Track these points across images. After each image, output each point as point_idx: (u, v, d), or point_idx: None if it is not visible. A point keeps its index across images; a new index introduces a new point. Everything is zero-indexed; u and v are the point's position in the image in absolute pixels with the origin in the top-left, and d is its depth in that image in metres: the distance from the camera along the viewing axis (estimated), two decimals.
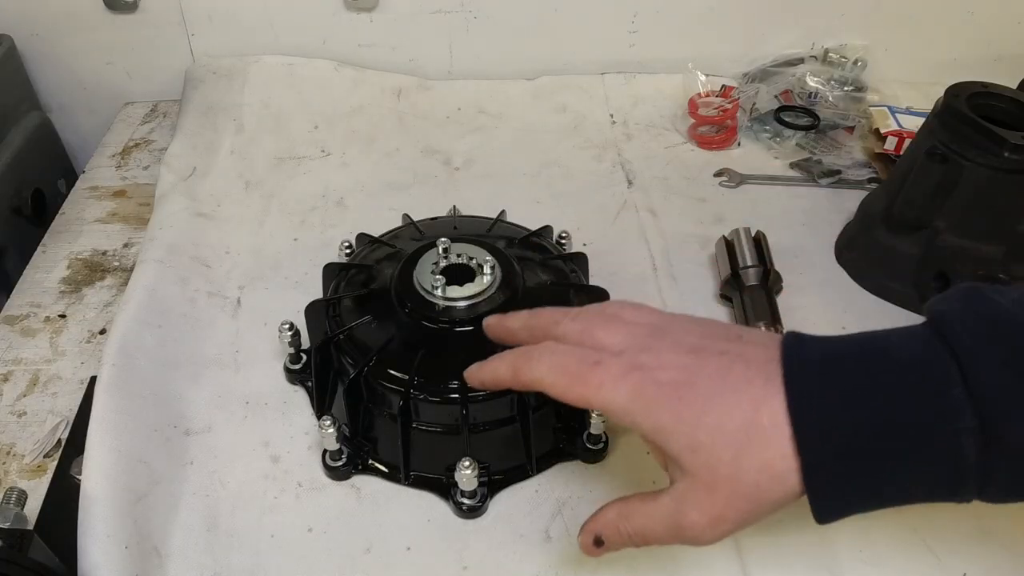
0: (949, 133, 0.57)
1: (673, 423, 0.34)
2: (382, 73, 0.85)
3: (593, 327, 0.37)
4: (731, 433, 0.33)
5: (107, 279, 0.65)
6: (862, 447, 0.31)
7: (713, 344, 0.35)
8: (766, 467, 0.32)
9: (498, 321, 0.42)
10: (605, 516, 0.37)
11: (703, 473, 0.33)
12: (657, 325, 0.37)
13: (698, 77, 0.82)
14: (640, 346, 0.36)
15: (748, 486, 0.33)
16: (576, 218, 0.69)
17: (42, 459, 0.51)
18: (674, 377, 0.34)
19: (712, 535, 0.34)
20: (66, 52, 0.83)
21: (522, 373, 0.38)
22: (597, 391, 0.35)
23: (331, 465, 0.50)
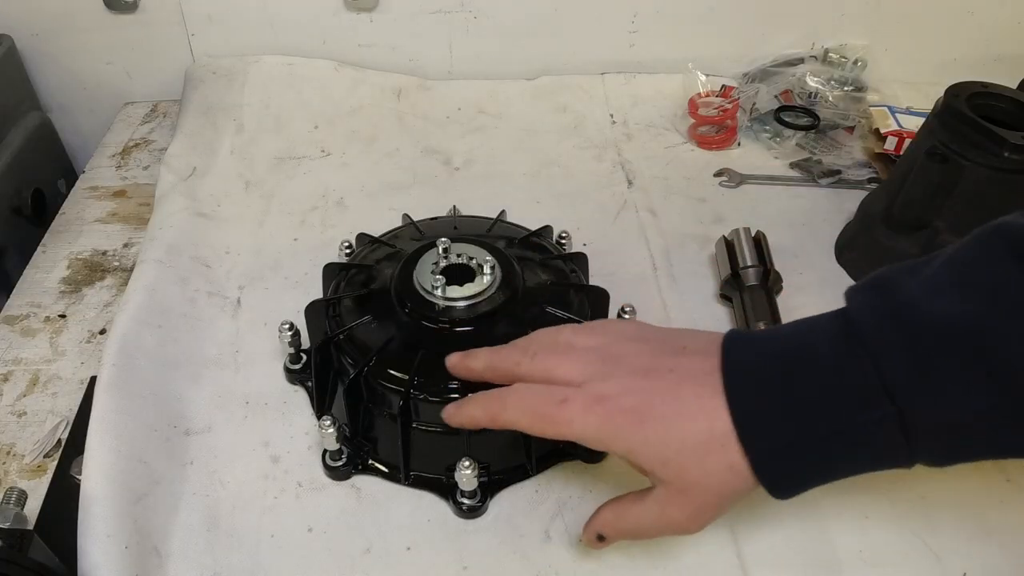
0: (949, 133, 0.57)
1: (641, 445, 0.38)
2: (382, 73, 0.85)
3: (551, 365, 0.42)
4: (693, 446, 0.38)
5: (107, 279, 0.65)
6: (796, 444, 0.36)
7: (663, 361, 0.40)
8: (727, 468, 0.37)
9: (461, 361, 0.45)
10: (603, 516, 0.42)
11: (676, 481, 0.38)
12: (607, 352, 0.41)
13: (698, 77, 0.82)
14: (598, 375, 0.40)
15: (716, 484, 0.38)
16: (576, 218, 0.69)
17: (42, 459, 0.51)
18: (634, 403, 0.39)
19: (695, 526, 0.40)
20: (66, 52, 0.83)
21: (498, 417, 0.42)
22: (569, 426, 0.39)
23: (331, 465, 0.50)
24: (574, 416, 0.39)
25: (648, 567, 0.46)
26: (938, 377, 0.34)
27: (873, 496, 0.49)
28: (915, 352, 0.34)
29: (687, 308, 0.61)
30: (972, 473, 0.50)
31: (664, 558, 0.46)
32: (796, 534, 0.47)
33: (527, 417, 0.41)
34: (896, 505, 0.48)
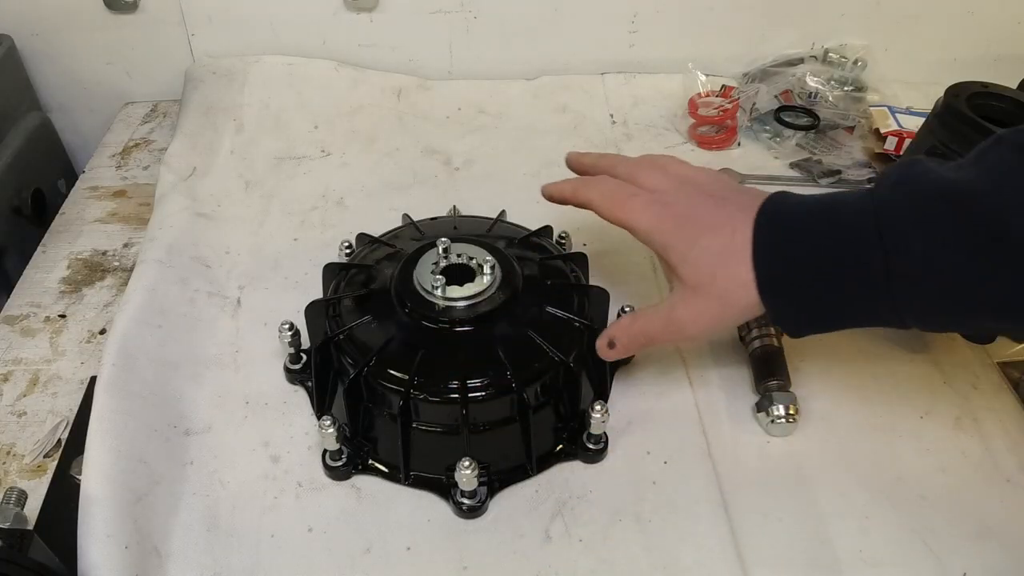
0: (949, 133, 0.57)
1: (676, 241, 0.46)
2: (382, 73, 0.85)
3: (641, 171, 0.50)
4: (714, 250, 0.44)
5: (107, 279, 0.65)
6: (799, 269, 0.42)
7: (721, 192, 0.47)
8: (734, 276, 0.43)
9: (576, 156, 0.56)
10: (619, 322, 0.50)
11: (691, 279, 0.45)
12: (686, 176, 0.49)
13: (698, 77, 0.82)
14: (671, 188, 0.48)
15: (720, 290, 0.44)
16: (576, 218, 0.68)
17: (42, 459, 0.51)
18: (683, 210, 0.46)
19: (693, 329, 0.46)
20: (66, 52, 0.83)
21: (580, 193, 0.52)
22: (628, 214, 0.48)
23: (331, 465, 0.50)
24: (635, 207, 0.47)
25: (648, 567, 0.46)
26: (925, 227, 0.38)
27: (873, 496, 0.49)
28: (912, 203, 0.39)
29: None
30: (972, 473, 0.50)
31: (664, 558, 0.46)
32: (796, 534, 0.47)
33: (603, 197, 0.49)
34: (896, 505, 0.49)
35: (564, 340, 0.49)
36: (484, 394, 0.47)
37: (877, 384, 0.56)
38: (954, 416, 0.54)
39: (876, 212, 0.40)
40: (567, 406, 0.51)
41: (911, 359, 0.58)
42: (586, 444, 0.50)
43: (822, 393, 0.55)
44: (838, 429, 0.53)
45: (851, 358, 0.57)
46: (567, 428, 0.51)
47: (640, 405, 0.54)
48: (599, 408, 0.48)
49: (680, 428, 0.53)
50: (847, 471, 0.50)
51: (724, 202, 0.46)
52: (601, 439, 0.50)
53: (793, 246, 0.42)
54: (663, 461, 0.51)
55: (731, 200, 0.46)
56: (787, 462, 0.51)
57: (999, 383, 0.56)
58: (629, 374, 0.56)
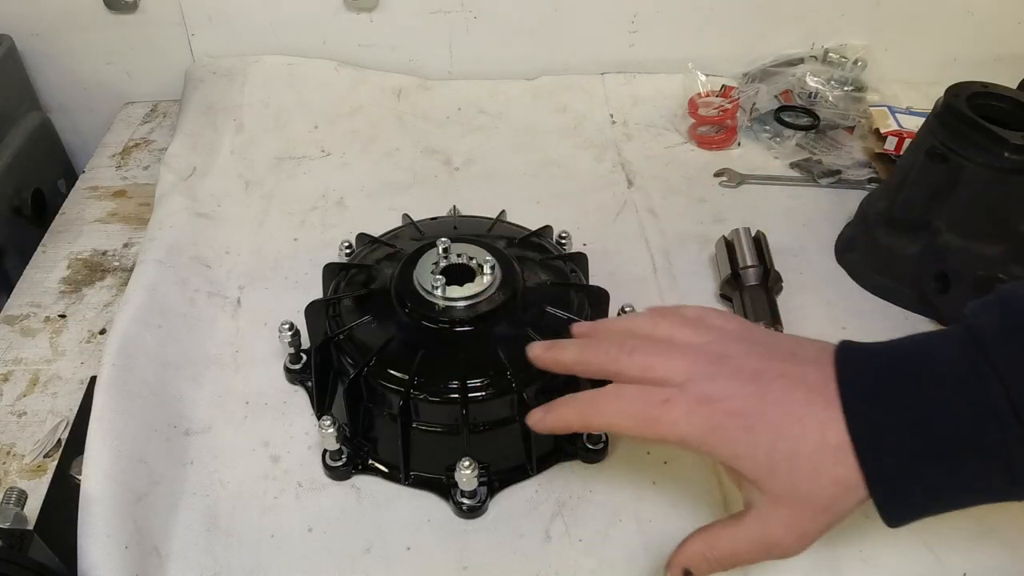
0: (949, 133, 0.57)
1: (750, 451, 0.36)
2: (382, 73, 0.85)
3: (651, 363, 0.39)
4: (805, 457, 0.35)
5: (107, 279, 0.65)
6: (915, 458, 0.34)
7: (772, 366, 0.38)
8: (839, 482, 0.35)
9: (546, 352, 0.43)
10: (691, 547, 0.39)
11: (784, 494, 0.36)
12: (714, 351, 0.39)
13: (698, 77, 0.82)
14: (704, 375, 0.38)
15: (826, 499, 0.36)
16: (576, 218, 0.69)
17: (42, 459, 0.51)
18: (742, 407, 0.37)
19: (799, 547, 0.37)
20: (66, 52, 0.83)
21: (592, 421, 0.40)
22: (672, 428, 0.37)
23: (331, 465, 0.50)
24: (677, 418, 0.37)
25: (648, 567, 0.46)
26: None
27: None
28: None
29: None
30: None
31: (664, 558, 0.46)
32: None
33: (627, 420, 0.38)
34: None
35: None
36: (484, 394, 0.47)
37: None
38: None
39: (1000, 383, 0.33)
40: None
41: None
42: (586, 444, 0.50)
43: None
44: None
45: None
46: None
47: None
48: None
49: None
50: None
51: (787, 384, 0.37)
52: (601, 439, 0.50)
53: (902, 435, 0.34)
54: (663, 461, 0.51)
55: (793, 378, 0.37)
56: None
57: None
58: None
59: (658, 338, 0.40)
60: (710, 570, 0.39)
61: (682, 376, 0.38)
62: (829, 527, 0.37)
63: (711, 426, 0.37)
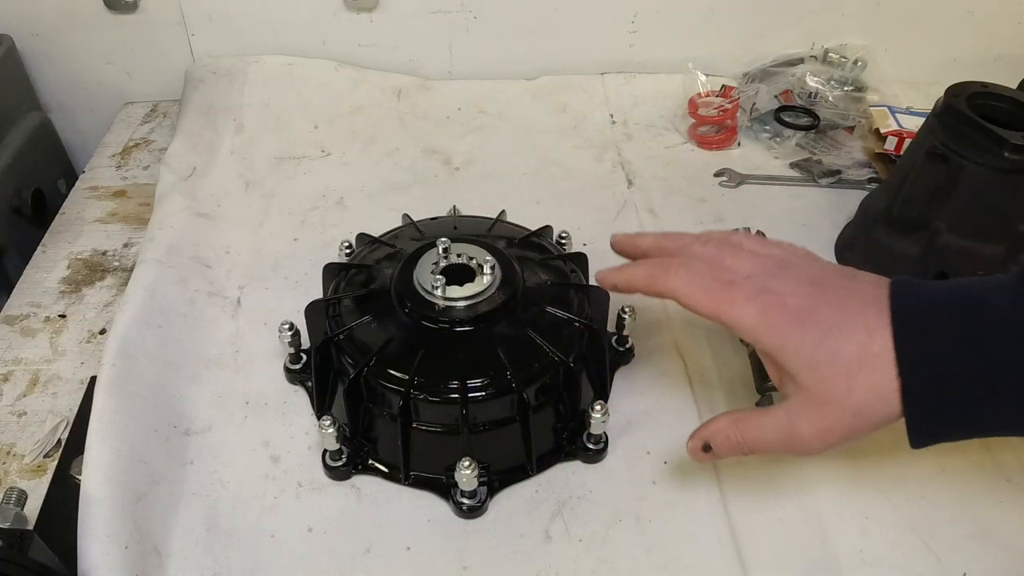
0: (949, 133, 0.57)
1: (796, 344, 0.38)
2: (382, 73, 0.85)
3: (722, 253, 0.42)
4: (847, 356, 0.37)
5: (107, 279, 0.65)
6: (953, 379, 0.35)
7: (832, 278, 0.40)
8: (874, 387, 0.36)
9: (626, 237, 0.47)
10: (717, 423, 0.41)
11: (818, 389, 0.37)
12: (781, 258, 0.42)
13: (698, 77, 0.82)
14: (768, 273, 0.40)
15: (857, 403, 0.37)
16: (576, 218, 0.69)
17: (42, 459, 0.51)
18: (799, 303, 0.39)
19: (818, 445, 0.38)
20: (66, 52, 0.83)
21: (658, 282, 0.42)
22: (730, 307, 0.40)
23: (331, 465, 0.50)
24: (737, 298, 0.39)
25: (648, 567, 0.46)
26: None
27: (873, 496, 0.49)
28: None
29: None
30: (972, 473, 0.50)
31: (664, 558, 0.46)
32: (796, 534, 0.47)
33: (689, 286, 0.41)
34: (896, 505, 0.49)
35: (564, 340, 0.49)
36: (484, 394, 0.47)
37: None
38: None
39: None
40: (567, 406, 0.50)
41: None
42: (586, 444, 0.50)
43: None
44: None
45: None
46: (567, 428, 0.51)
47: (640, 405, 0.54)
48: (599, 408, 0.48)
49: (680, 428, 0.52)
50: (847, 471, 0.50)
51: (843, 292, 0.39)
52: (601, 439, 0.50)
53: (944, 353, 0.35)
54: (663, 461, 0.51)
55: (850, 289, 0.39)
56: (787, 462, 0.51)
57: None
58: (629, 374, 0.56)
59: (733, 241, 0.43)
60: (731, 451, 0.41)
61: (749, 271, 0.41)
62: (853, 435, 0.38)
63: (764, 315, 0.39)
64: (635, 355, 0.57)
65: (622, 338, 0.57)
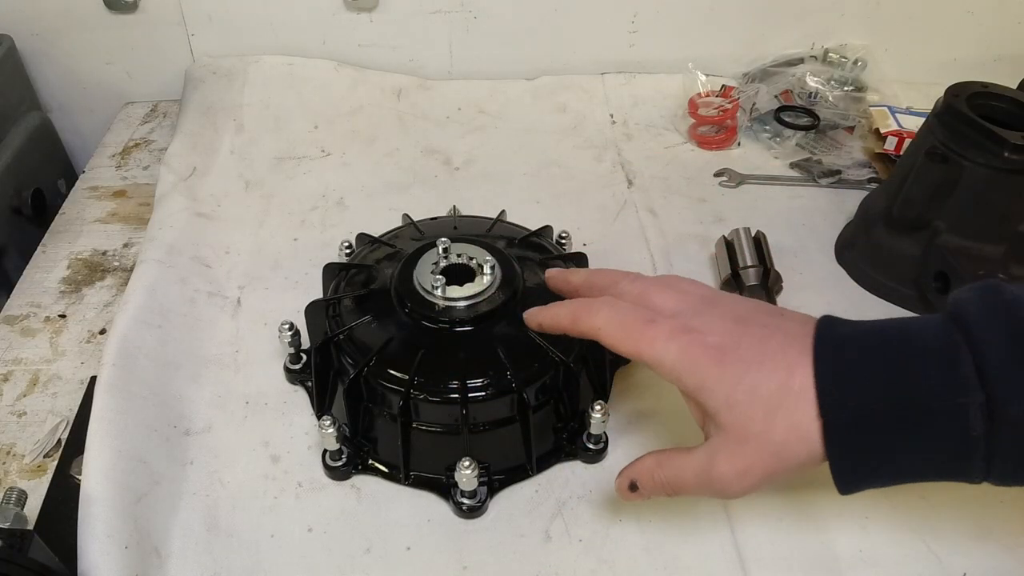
0: (949, 133, 0.57)
1: (714, 382, 0.37)
2: (382, 73, 0.85)
3: (649, 291, 0.42)
4: (765, 394, 0.36)
5: (107, 279, 0.65)
6: (877, 415, 0.34)
7: (757, 316, 0.39)
8: (794, 427, 0.35)
9: (559, 274, 0.47)
10: (643, 463, 0.41)
11: (736, 428, 0.37)
12: (707, 297, 0.41)
13: (698, 77, 0.82)
14: (692, 311, 0.40)
15: (776, 444, 0.36)
16: (576, 218, 0.69)
17: (42, 459, 0.51)
18: (719, 341, 0.38)
19: (738, 487, 0.38)
20: (66, 52, 0.83)
21: (581, 321, 0.42)
22: (649, 345, 0.39)
23: (331, 465, 0.50)
24: (657, 337, 0.39)
25: (648, 567, 0.46)
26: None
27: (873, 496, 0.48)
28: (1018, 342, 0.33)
29: None
30: None
31: (664, 558, 0.46)
32: (796, 534, 0.47)
33: (611, 325, 0.40)
34: (896, 505, 0.48)
35: (564, 340, 0.49)
36: (484, 394, 0.47)
37: None
38: None
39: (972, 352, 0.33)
40: (567, 406, 0.50)
41: None
42: (586, 444, 0.50)
43: None
44: None
45: None
46: (567, 428, 0.51)
47: (640, 405, 0.54)
48: (599, 408, 0.48)
49: (680, 428, 0.52)
50: None
51: (766, 330, 0.38)
52: (601, 439, 0.50)
53: (867, 390, 0.35)
54: None
55: (774, 327, 0.38)
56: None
57: None
58: (629, 374, 0.56)
59: (661, 280, 0.43)
60: (655, 491, 0.41)
61: (673, 309, 0.40)
62: (774, 476, 0.37)
63: (685, 353, 0.38)
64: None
65: None
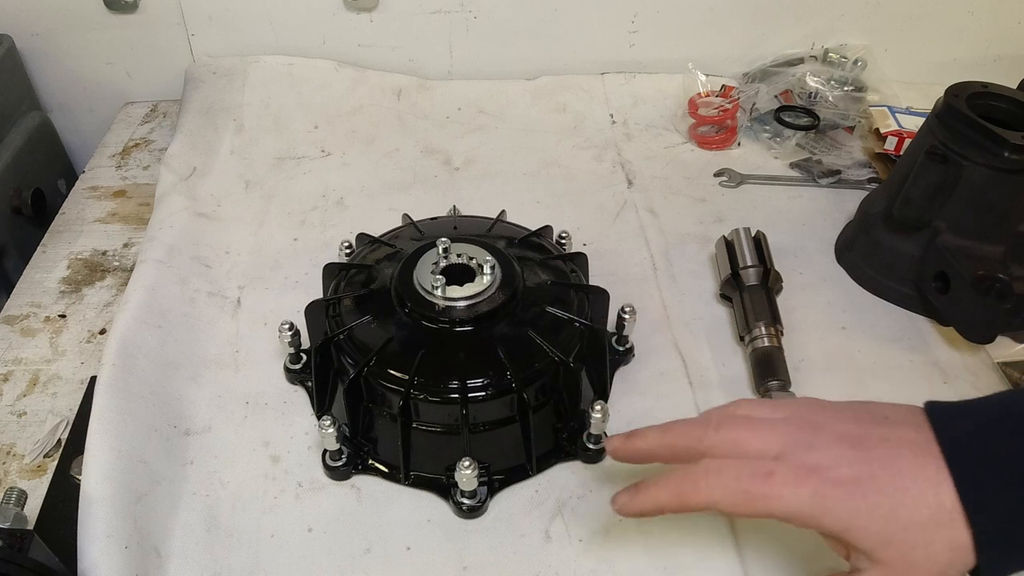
0: (949, 133, 0.57)
1: (863, 522, 0.35)
2: (382, 73, 0.85)
3: (741, 436, 0.38)
4: (921, 523, 0.34)
5: (107, 279, 0.65)
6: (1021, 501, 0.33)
7: (869, 430, 0.37)
8: (954, 545, 0.34)
9: (625, 443, 0.41)
10: None
11: (899, 561, 0.35)
12: (804, 419, 0.38)
13: (698, 77, 0.82)
14: (800, 445, 0.37)
15: (942, 565, 0.34)
16: (576, 218, 0.69)
17: (42, 459, 0.51)
18: (851, 474, 0.35)
19: None
20: (66, 52, 0.83)
21: (690, 500, 0.38)
22: (779, 504, 0.36)
23: (331, 465, 0.50)
24: (784, 491, 0.35)
25: (648, 567, 0.46)
26: None
27: None
28: None
29: (687, 308, 0.61)
30: None
31: (664, 558, 0.46)
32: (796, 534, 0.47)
33: (729, 496, 0.36)
34: None
35: (564, 340, 0.49)
36: (484, 394, 0.47)
37: (877, 384, 0.56)
38: None
39: None
40: (567, 406, 0.51)
41: (911, 359, 0.58)
42: (586, 444, 0.50)
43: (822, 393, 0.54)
44: None
45: (851, 358, 0.57)
46: (567, 428, 0.51)
47: (640, 405, 0.54)
48: (599, 408, 0.48)
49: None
50: None
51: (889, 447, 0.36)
52: (601, 439, 0.50)
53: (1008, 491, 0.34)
54: None
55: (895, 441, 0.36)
56: None
57: (999, 383, 0.56)
58: (629, 374, 0.56)
59: (739, 416, 0.39)
60: None
61: (778, 447, 0.37)
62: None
63: (820, 497, 0.35)
64: (635, 355, 0.57)
65: (622, 338, 0.57)
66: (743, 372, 0.56)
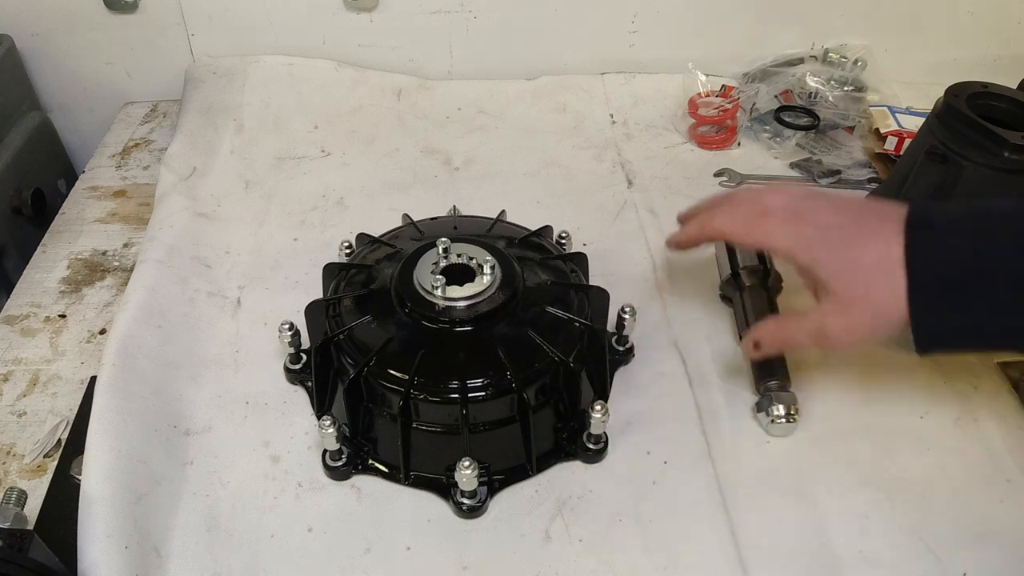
0: (949, 133, 0.57)
1: (824, 256, 0.45)
2: (382, 73, 0.85)
3: (760, 194, 0.49)
4: (867, 265, 0.43)
5: (107, 279, 0.65)
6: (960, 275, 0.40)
7: (854, 205, 0.46)
8: (891, 290, 0.42)
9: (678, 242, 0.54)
10: (765, 326, 0.50)
11: (844, 294, 0.44)
12: (810, 192, 0.48)
13: (698, 77, 0.82)
14: (798, 201, 0.47)
15: (876, 305, 0.43)
16: (576, 218, 0.69)
17: (42, 459, 0.51)
18: (827, 222, 0.45)
19: (845, 341, 0.45)
20: (66, 52, 0.83)
21: (706, 227, 0.51)
22: (766, 235, 0.47)
23: (331, 465, 0.50)
24: (773, 227, 0.46)
25: (648, 567, 0.46)
26: None
27: (873, 496, 0.49)
28: None
29: (687, 308, 0.61)
30: (972, 473, 0.50)
31: (664, 558, 0.46)
32: (796, 534, 0.47)
33: (732, 224, 0.49)
34: (896, 505, 0.49)
35: (564, 340, 0.49)
36: (484, 394, 0.47)
37: (877, 384, 0.56)
38: (954, 416, 0.54)
39: None
40: (567, 406, 0.51)
41: (911, 359, 0.58)
42: (586, 444, 0.50)
43: (822, 393, 0.55)
44: (838, 429, 0.53)
45: (851, 358, 0.57)
46: (567, 428, 0.51)
47: (640, 405, 0.54)
48: (599, 408, 0.48)
49: (680, 428, 0.53)
50: (847, 471, 0.50)
51: (863, 212, 0.45)
52: (601, 439, 0.50)
53: (949, 253, 0.41)
54: (663, 461, 0.51)
55: (870, 211, 0.45)
56: (787, 462, 0.51)
57: (999, 383, 0.56)
58: (629, 374, 0.56)
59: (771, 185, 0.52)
60: (773, 347, 0.50)
61: (781, 203, 0.47)
62: (874, 334, 0.44)
63: (799, 235, 0.45)
64: (635, 355, 0.57)
65: (622, 338, 0.57)
66: (743, 372, 0.56)
